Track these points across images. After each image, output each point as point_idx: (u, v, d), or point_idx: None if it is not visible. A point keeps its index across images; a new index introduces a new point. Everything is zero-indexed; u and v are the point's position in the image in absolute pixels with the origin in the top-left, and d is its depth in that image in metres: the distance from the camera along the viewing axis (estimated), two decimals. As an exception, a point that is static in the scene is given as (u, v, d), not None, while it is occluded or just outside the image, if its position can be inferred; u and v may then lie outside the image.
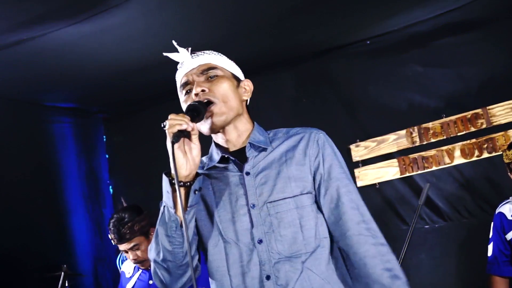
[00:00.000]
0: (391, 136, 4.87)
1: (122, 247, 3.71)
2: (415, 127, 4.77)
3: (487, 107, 4.52)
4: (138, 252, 3.71)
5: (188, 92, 1.97)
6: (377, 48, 4.96)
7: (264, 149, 1.96)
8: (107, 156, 6.17)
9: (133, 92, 5.47)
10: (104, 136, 6.20)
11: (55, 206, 5.37)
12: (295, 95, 5.10)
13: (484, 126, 4.53)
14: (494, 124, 4.49)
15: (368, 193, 4.85)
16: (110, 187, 6.08)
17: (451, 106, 4.66)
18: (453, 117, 4.63)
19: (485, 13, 4.50)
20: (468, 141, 4.57)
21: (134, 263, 3.78)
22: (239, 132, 1.99)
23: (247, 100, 2.08)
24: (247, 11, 4.10)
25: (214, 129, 1.94)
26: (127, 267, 4.07)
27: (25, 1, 3.60)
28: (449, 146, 4.64)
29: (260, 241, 1.83)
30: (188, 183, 1.81)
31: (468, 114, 4.58)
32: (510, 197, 3.72)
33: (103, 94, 5.48)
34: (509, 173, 3.68)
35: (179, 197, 1.68)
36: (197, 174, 1.85)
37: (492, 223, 3.70)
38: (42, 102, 5.48)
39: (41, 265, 4.94)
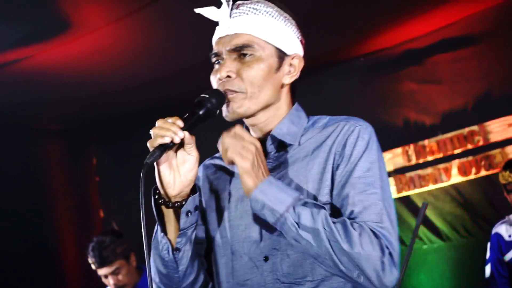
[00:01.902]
0: (387, 155, 4.81)
1: (103, 271, 3.66)
2: (411, 145, 4.72)
3: (484, 124, 4.48)
4: (120, 277, 3.65)
5: (217, 62, 1.63)
6: (371, 65, 4.93)
7: (290, 145, 1.61)
8: (97, 179, 6.07)
9: (124, 113, 5.42)
10: (94, 159, 6.12)
11: (43, 231, 5.30)
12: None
13: (481, 143, 4.49)
14: (491, 141, 4.45)
15: (364, 213, 4.77)
16: (101, 211, 5.98)
17: (447, 123, 4.61)
18: (449, 134, 4.59)
19: (481, 29, 4.48)
20: (465, 159, 4.52)
21: None
22: (269, 119, 1.63)
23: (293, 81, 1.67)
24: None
25: (229, 120, 1.59)
26: None
27: (11, 22, 3.55)
28: (446, 164, 4.59)
29: (266, 259, 1.55)
30: (178, 204, 1.51)
31: (465, 131, 4.53)
32: (506, 217, 3.68)
33: (93, 115, 5.43)
34: (505, 194, 3.63)
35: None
36: (194, 191, 1.55)
37: (489, 243, 3.67)
38: (31, 124, 5.43)
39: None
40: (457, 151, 4.56)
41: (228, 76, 1.57)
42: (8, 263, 4.80)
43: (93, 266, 3.69)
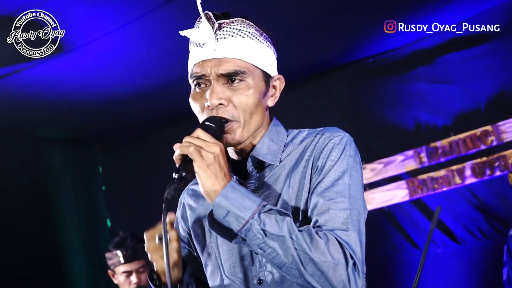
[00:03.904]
0: (398, 157, 4.75)
1: (129, 266, 3.64)
2: (423, 147, 4.65)
3: (497, 124, 4.40)
4: (142, 276, 3.65)
5: (199, 85, 1.57)
6: (380, 66, 4.89)
7: (270, 164, 1.59)
8: (103, 188, 6.04)
9: (129, 120, 5.42)
10: (100, 167, 6.08)
11: (51, 241, 5.30)
12: (298, 117, 5.01)
13: (494, 143, 4.41)
14: (505, 141, 4.38)
15: (376, 217, 4.73)
16: (108, 220, 5.94)
17: (459, 123, 4.55)
18: (462, 135, 4.52)
19: (492, 26, 4.42)
20: (479, 160, 4.45)
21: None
22: (251, 141, 1.61)
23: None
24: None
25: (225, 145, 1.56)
26: None
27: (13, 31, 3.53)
28: (459, 166, 4.51)
29: (260, 282, 1.53)
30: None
31: (478, 131, 4.46)
32: None
33: (98, 123, 5.42)
34: None
35: None
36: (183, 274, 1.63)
37: (505, 245, 3.61)
38: (36, 134, 5.44)
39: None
40: (470, 152, 4.48)
41: (221, 104, 1.52)
42: (16, 274, 4.82)
43: (121, 260, 3.62)
